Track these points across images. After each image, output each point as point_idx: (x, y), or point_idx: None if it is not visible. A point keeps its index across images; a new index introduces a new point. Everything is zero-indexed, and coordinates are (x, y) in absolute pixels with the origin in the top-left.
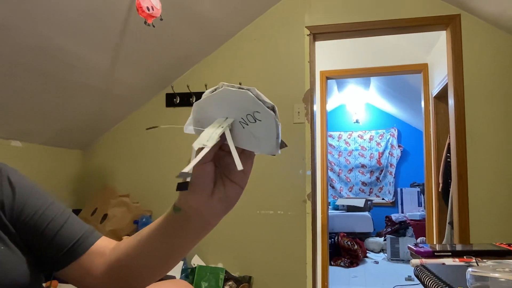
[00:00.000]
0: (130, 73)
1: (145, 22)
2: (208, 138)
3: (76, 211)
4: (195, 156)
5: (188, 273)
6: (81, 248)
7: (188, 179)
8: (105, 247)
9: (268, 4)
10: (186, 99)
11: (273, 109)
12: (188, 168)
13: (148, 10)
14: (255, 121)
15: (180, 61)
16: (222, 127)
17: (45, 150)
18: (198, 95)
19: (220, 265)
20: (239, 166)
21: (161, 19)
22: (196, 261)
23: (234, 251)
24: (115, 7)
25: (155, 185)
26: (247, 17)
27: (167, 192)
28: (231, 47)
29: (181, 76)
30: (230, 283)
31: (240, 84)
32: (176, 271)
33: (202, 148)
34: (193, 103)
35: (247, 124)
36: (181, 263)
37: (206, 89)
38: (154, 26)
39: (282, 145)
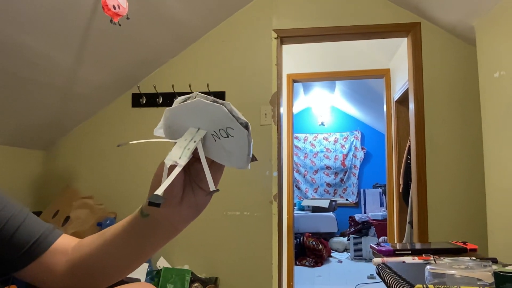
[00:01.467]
0: (95, 72)
1: (111, 21)
2: (180, 154)
3: (37, 214)
4: (167, 175)
5: (154, 275)
6: (42, 247)
7: (161, 201)
8: (67, 244)
9: (236, 6)
10: (152, 100)
11: (246, 126)
12: (160, 191)
13: (114, 8)
14: (228, 136)
15: (146, 61)
16: (195, 141)
17: (5, 150)
18: (165, 96)
19: (186, 267)
20: (212, 186)
21: (128, 18)
22: (162, 263)
23: (200, 252)
24: (79, 4)
25: (120, 187)
26: (215, 19)
27: (132, 193)
28: (199, 48)
29: (147, 76)
30: (196, 284)
31: (207, 85)
32: (141, 273)
33: (174, 166)
34: (159, 103)
35: (219, 138)
36: (146, 265)
37: (173, 90)
38: (120, 25)
39: (252, 159)
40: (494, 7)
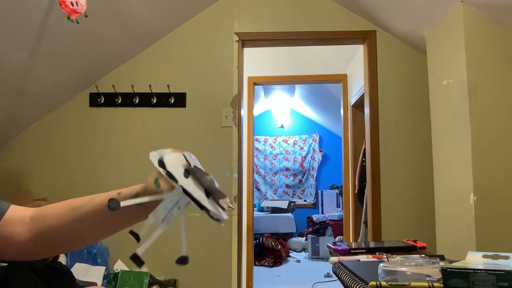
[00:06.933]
0: (50, 70)
1: (68, 18)
2: (164, 217)
3: None
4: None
5: (111, 279)
6: None
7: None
8: (21, 214)
9: (199, 8)
10: (111, 99)
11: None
12: (141, 251)
13: (72, 5)
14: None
15: (105, 60)
16: (179, 207)
17: None
18: (124, 96)
19: (144, 269)
20: (184, 252)
21: (86, 16)
22: (119, 266)
23: (159, 254)
24: None
25: (76, 188)
26: (177, 19)
27: (87, 195)
28: (160, 49)
29: (106, 75)
30: (155, 287)
31: (168, 86)
32: (98, 277)
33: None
34: (118, 103)
35: None
36: (102, 268)
37: (133, 90)
38: (78, 23)
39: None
40: (443, 19)
